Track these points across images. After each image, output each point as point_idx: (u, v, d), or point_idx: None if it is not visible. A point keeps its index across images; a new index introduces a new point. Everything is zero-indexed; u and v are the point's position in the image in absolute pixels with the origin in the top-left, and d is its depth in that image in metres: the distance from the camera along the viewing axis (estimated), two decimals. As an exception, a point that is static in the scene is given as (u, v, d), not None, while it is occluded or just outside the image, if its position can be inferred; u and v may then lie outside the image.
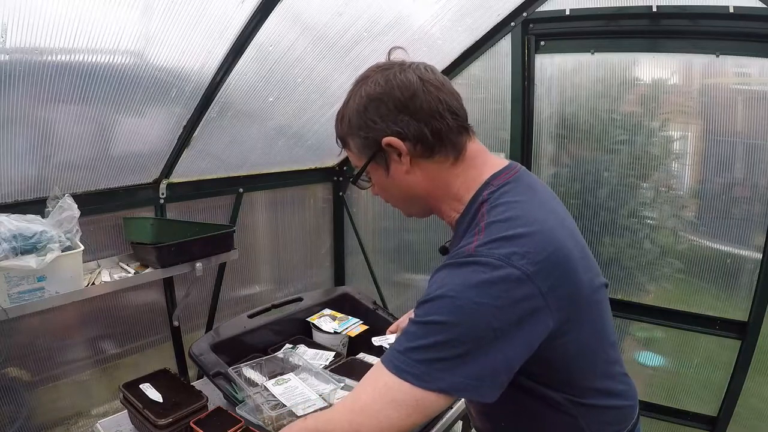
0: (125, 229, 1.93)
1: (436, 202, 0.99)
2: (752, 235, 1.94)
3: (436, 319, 0.79)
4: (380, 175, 0.98)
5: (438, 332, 0.78)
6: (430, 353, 0.78)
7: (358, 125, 0.94)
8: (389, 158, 0.94)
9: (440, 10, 1.95)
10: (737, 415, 2.01)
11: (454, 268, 0.82)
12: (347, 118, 0.96)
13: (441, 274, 0.83)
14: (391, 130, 0.91)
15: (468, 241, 0.85)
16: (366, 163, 0.96)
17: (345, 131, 0.98)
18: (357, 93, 0.96)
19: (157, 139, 1.87)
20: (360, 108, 0.94)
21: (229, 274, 2.42)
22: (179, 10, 1.43)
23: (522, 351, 0.81)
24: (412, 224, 2.79)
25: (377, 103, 0.92)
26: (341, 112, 0.99)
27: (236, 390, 1.48)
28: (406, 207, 1.03)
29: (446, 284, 0.80)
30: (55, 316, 1.74)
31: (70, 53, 1.38)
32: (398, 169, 0.94)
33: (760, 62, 1.84)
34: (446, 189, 0.96)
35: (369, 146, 0.94)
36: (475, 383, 0.78)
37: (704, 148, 2.01)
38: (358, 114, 0.94)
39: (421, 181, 0.95)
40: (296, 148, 2.50)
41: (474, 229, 0.87)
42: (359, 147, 0.96)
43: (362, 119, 0.93)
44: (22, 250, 1.42)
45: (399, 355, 0.81)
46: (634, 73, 2.07)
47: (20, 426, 1.71)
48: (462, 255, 0.82)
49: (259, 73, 1.86)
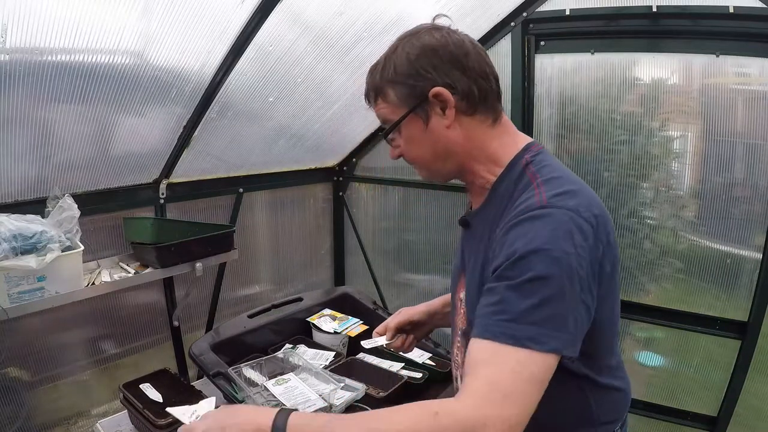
0: (125, 229, 1.93)
1: (471, 162, 0.96)
2: (752, 235, 1.94)
3: (537, 275, 0.74)
4: (416, 128, 0.94)
5: (542, 288, 0.74)
6: (542, 312, 0.73)
7: (406, 73, 0.91)
8: (431, 111, 0.92)
9: (440, 10, 1.92)
10: (737, 415, 2.01)
11: (533, 220, 0.78)
12: (392, 66, 0.92)
13: (519, 229, 0.79)
14: (441, 81, 0.90)
15: (528, 196, 0.84)
16: (407, 113, 0.92)
17: (386, 79, 0.93)
18: (407, 42, 0.93)
19: (157, 139, 1.87)
20: (412, 56, 0.91)
21: (229, 274, 2.42)
22: (179, 10, 1.43)
23: (593, 304, 0.80)
24: (412, 224, 2.80)
25: (432, 54, 0.90)
26: (383, 61, 0.95)
27: (236, 390, 1.48)
28: (436, 166, 0.98)
29: (535, 237, 0.76)
30: (55, 316, 1.74)
31: (70, 53, 1.38)
32: (439, 123, 0.92)
33: (760, 62, 1.84)
34: (483, 149, 0.95)
35: (414, 96, 0.91)
36: (575, 338, 0.76)
37: (704, 148, 2.01)
38: (409, 62, 0.91)
39: (459, 138, 0.93)
40: (296, 148, 2.50)
41: (528, 186, 0.86)
42: (402, 96, 0.92)
43: (413, 67, 0.90)
44: (22, 250, 1.42)
45: (512, 324, 0.73)
46: (634, 73, 2.07)
47: (20, 426, 1.71)
48: (534, 207, 0.80)
49: (259, 73, 1.86)
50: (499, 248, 0.81)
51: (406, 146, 0.97)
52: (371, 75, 0.97)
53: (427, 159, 0.97)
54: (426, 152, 0.96)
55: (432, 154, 0.96)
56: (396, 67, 0.92)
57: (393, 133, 0.97)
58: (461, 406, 0.71)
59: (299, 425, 0.78)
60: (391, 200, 2.85)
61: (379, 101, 0.96)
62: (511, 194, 0.90)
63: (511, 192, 0.90)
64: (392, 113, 0.95)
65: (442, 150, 0.95)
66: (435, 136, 0.93)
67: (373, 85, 0.97)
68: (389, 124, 0.96)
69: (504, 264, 0.78)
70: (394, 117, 0.94)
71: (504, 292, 0.76)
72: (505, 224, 0.83)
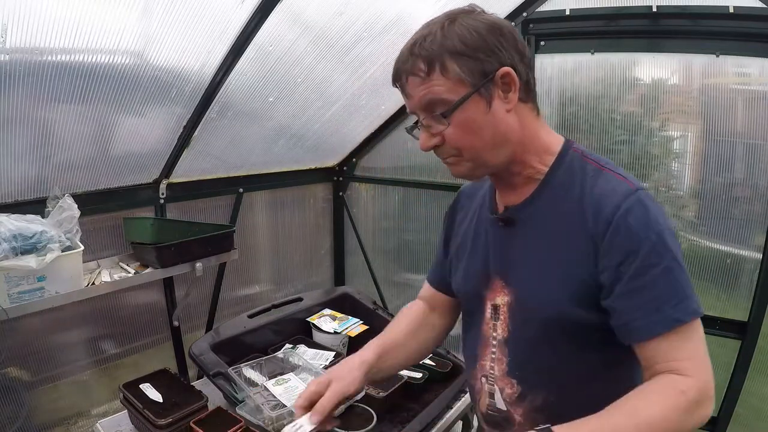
0: (125, 229, 1.93)
1: (524, 152, 0.89)
2: (752, 235, 1.94)
3: (674, 254, 0.79)
4: (478, 110, 0.83)
5: (681, 261, 0.80)
6: (689, 282, 0.81)
7: (476, 46, 0.81)
8: (493, 92, 0.83)
9: (440, 10, 1.92)
10: (737, 415, 2.01)
11: (642, 205, 0.81)
12: (455, 38, 0.81)
13: (636, 216, 0.80)
14: (509, 61, 0.82)
15: (610, 182, 0.84)
16: (473, 91, 0.81)
17: (449, 50, 0.81)
18: (465, 18, 0.83)
19: (157, 139, 1.87)
20: (481, 30, 0.81)
21: (229, 274, 2.42)
22: (179, 10, 1.43)
23: None
24: (412, 224, 2.80)
25: (499, 32, 0.82)
26: (437, 32, 0.82)
27: (236, 390, 1.48)
28: (489, 155, 0.87)
29: (655, 220, 0.80)
30: (55, 316, 1.74)
31: (70, 53, 1.38)
32: (500, 107, 0.84)
33: (760, 62, 1.84)
34: (535, 139, 0.90)
35: (481, 73, 0.81)
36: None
37: (704, 148, 2.01)
38: (480, 35, 0.81)
39: (516, 125, 0.86)
40: (296, 148, 2.50)
41: (598, 173, 0.86)
42: (467, 71, 0.81)
43: (485, 41, 0.81)
44: (22, 250, 1.42)
45: (684, 303, 0.79)
46: (634, 73, 2.07)
47: (20, 426, 1.71)
48: (632, 191, 0.82)
49: (259, 73, 1.87)
50: (616, 241, 0.80)
51: (457, 132, 0.84)
52: (422, 46, 0.83)
53: (481, 147, 0.86)
54: (482, 139, 0.85)
55: (489, 141, 0.85)
56: (463, 39, 0.81)
57: (435, 118, 0.84)
58: (695, 380, 0.77)
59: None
60: (391, 200, 2.85)
61: (434, 75, 0.82)
62: (572, 183, 0.87)
63: (572, 181, 0.87)
64: (449, 91, 0.82)
65: (501, 136, 0.86)
66: (496, 120, 0.84)
67: (428, 55, 0.82)
68: (441, 103, 0.83)
69: (639, 256, 0.79)
70: (452, 95, 0.82)
71: (658, 281, 0.79)
72: (608, 215, 0.81)
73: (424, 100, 0.84)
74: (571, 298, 0.84)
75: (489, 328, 0.97)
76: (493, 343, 0.97)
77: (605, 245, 0.81)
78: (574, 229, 0.85)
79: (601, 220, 0.81)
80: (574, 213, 0.85)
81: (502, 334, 0.94)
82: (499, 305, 0.95)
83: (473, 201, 1.07)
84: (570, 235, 0.85)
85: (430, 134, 0.87)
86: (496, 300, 0.95)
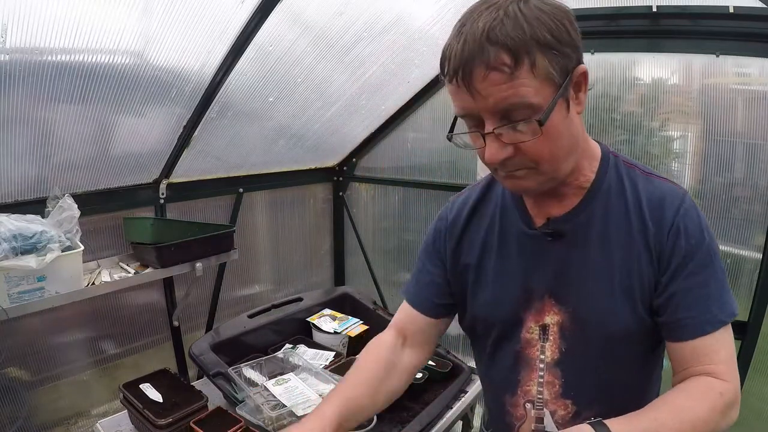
0: (125, 229, 1.93)
1: (580, 158, 0.82)
2: (752, 235, 1.94)
3: (717, 253, 0.81)
4: (559, 114, 0.71)
5: (720, 262, 0.82)
6: (726, 283, 0.82)
7: (563, 39, 0.68)
8: (569, 94, 0.72)
9: (440, 10, 1.95)
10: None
11: (691, 207, 0.82)
12: (543, 25, 0.66)
13: (689, 218, 0.81)
14: (581, 57, 0.72)
15: (660, 186, 0.84)
16: (560, 94, 0.70)
17: (539, 40, 0.66)
18: (538, 2, 0.68)
19: (157, 139, 1.87)
20: (562, 18, 0.68)
21: (229, 274, 2.42)
22: (179, 10, 1.43)
23: None
24: (412, 224, 2.80)
25: (575, 23, 0.71)
26: (522, 13, 0.66)
27: (236, 390, 1.48)
28: (563, 165, 0.77)
29: (703, 226, 0.81)
30: (55, 316, 1.74)
31: (70, 53, 1.38)
32: (573, 109, 0.74)
33: (760, 62, 1.84)
34: (586, 143, 0.83)
35: (565, 71, 0.70)
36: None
37: (704, 148, 2.01)
38: (563, 25, 0.68)
39: (580, 128, 0.78)
40: (296, 148, 2.50)
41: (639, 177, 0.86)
42: (556, 69, 0.68)
43: (569, 33, 0.69)
44: (22, 250, 1.42)
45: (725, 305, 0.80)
46: (634, 73, 2.07)
47: (20, 426, 1.71)
48: (681, 194, 0.83)
49: (259, 73, 1.86)
50: (678, 243, 0.80)
51: (540, 141, 0.71)
52: (504, 33, 0.65)
53: (560, 156, 0.75)
54: (562, 147, 0.74)
55: (567, 149, 0.75)
56: (549, 29, 0.67)
57: (516, 126, 0.70)
58: (730, 384, 0.78)
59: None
60: (391, 200, 2.85)
61: (522, 72, 0.66)
62: (622, 189, 0.84)
63: (622, 187, 0.84)
64: (536, 93, 0.68)
65: (574, 143, 0.77)
66: (573, 124, 0.74)
67: (515, 46, 0.65)
68: (526, 108, 0.69)
69: (696, 257, 0.80)
70: (538, 99, 0.68)
71: (710, 282, 0.80)
72: (671, 218, 0.80)
73: (504, 102, 0.68)
74: (634, 308, 0.82)
75: (535, 351, 0.89)
76: (540, 366, 0.88)
77: (668, 247, 0.80)
78: (631, 236, 0.81)
79: (664, 224, 0.80)
80: (629, 219, 0.82)
81: (552, 356, 0.87)
82: (549, 325, 0.87)
83: (485, 214, 0.95)
84: (629, 243, 0.81)
85: (502, 143, 0.72)
86: (544, 320, 0.87)
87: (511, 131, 0.71)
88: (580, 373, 0.87)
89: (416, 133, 2.66)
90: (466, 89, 0.69)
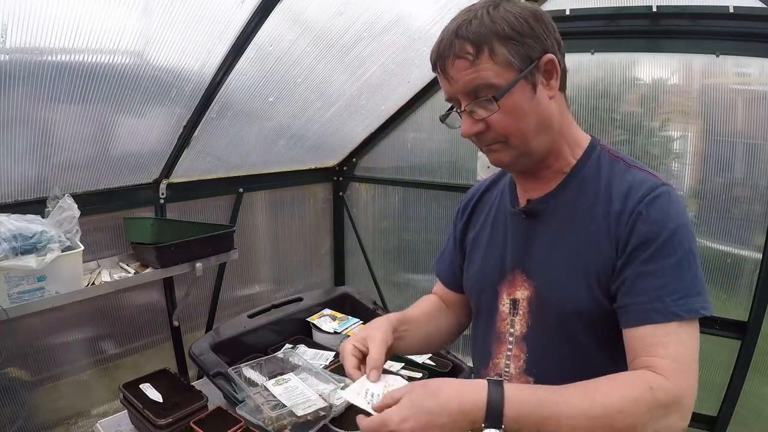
0: (125, 229, 1.93)
1: (560, 141, 0.90)
2: (752, 235, 1.94)
3: (689, 249, 0.80)
4: (524, 95, 0.83)
5: (694, 260, 0.80)
6: (699, 280, 0.80)
7: (523, 31, 0.82)
8: (537, 78, 0.84)
9: (440, 10, 1.95)
10: (737, 415, 2.01)
11: (666, 198, 0.82)
12: (504, 23, 0.81)
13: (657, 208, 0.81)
14: (551, 48, 0.84)
15: (637, 176, 0.86)
16: (521, 76, 0.82)
17: (498, 34, 0.81)
18: (505, 5, 0.83)
19: (157, 139, 1.87)
20: (525, 16, 0.82)
21: (229, 274, 2.42)
22: (179, 10, 1.43)
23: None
24: (412, 224, 2.80)
25: (540, 20, 0.84)
26: (483, 17, 0.82)
27: (236, 390, 1.48)
28: (534, 141, 0.87)
29: (676, 215, 0.81)
30: (55, 316, 1.74)
31: (70, 53, 1.38)
32: (543, 93, 0.85)
33: (760, 62, 1.84)
34: (569, 128, 0.91)
35: (528, 58, 0.82)
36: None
37: (704, 148, 2.01)
38: (525, 21, 0.82)
39: (556, 112, 0.87)
40: (296, 148, 2.50)
41: (625, 169, 0.88)
42: (517, 56, 0.82)
43: (531, 27, 0.82)
44: (22, 250, 1.42)
45: (687, 299, 0.78)
46: (634, 73, 2.07)
47: (20, 426, 1.71)
48: (658, 185, 0.83)
49: (259, 73, 1.87)
50: (637, 228, 0.81)
51: (504, 117, 0.84)
52: (468, 29, 0.82)
53: (527, 132, 0.85)
54: (528, 125, 0.85)
55: (534, 127, 0.85)
56: (510, 24, 0.81)
57: (480, 103, 0.83)
58: (670, 383, 0.74)
59: (518, 403, 0.71)
60: (391, 200, 2.85)
61: (483, 59, 0.81)
62: (599, 177, 0.88)
63: (599, 175, 0.89)
64: (497, 76, 0.82)
65: (545, 123, 0.86)
66: (540, 106, 0.85)
67: (476, 39, 0.81)
68: (488, 88, 0.82)
69: (654, 244, 0.79)
70: (500, 80, 0.82)
71: (667, 271, 0.79)
72: (633, 204, 0.82)
73: (470, 84, 0.83)
74: (591, 289, 0.84)
75: (506, 324, 0.95)
76: (509, 340, 0.94)
77: (626, 232, 0.82)
78: (597, 222, 0.85)
79: (626, 209, 0.82)
80: (598, 205, 0.86)
81: (521, 329, 0.92)
82: (519, 299, 0.93)
83: (491, 196, 1.07)
84: (593, 227, 0.85)
85: (474, 120, 0.86)
86: (515, 294, 0.93)
87: (480, 108, 0.84)
88: (543, 352, 0.90)
89: (416, 133, 2.66)
90: (444, 76, 0.86)
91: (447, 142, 2.55)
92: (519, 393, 0.73)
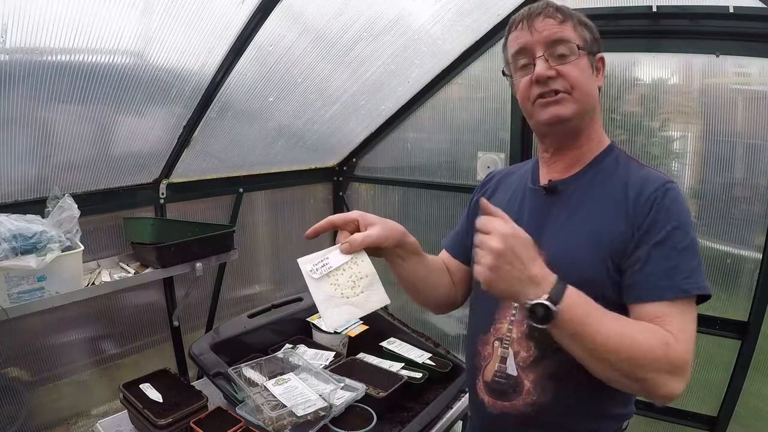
0: (125, 229, 1.93)
1: (595, 127, 1.05)
2: (752, 235, 1.94)
3: (694, 239, 0.90)
4: (588, 69, 1.01)
5: (697, 247, 0.91)
6: (701, 266, 0.90)
7: (593, 28, 1.02)
8: (596, 65, 1.03)
9: (440, 10, 1.95)
10: (737, 415, 2.01)
11: (675, 193, 0.93)
12: (582, 14, 1.02)
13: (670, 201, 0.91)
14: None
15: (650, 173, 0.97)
16: (591, 52, 1.01)
17: (579, 19, 1.01)
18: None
19: (157, 139, 1.87)
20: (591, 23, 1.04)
21: (229, 274, 2.42)
22: (179, 10, 1.43)
23: None
24: (412, 224, 2.79)
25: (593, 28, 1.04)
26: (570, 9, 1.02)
27: (236, 390, 1.48)
28: (588, 100, 1.01)
29: (684, 209, 0.92)
30: (55, 316, 1.74)
31: (70, 53, 1.38)
32: (595, 80, 1.03)
33: (760, 62, 1.84)
34: (599, 124, 1.07)
35: (594, 46, 1.02)
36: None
37: (704, 148, 2.01)
38: (591, 25, 1.03)
39: (598, 103, 1.04)
40: (296, 148, 2.50)
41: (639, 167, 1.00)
42: (590, 38, 1.01)
43: (595, 31, 1.03)
44: (22, 250, 1.42)
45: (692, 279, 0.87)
46: (634, 73, 2.07)
47: (20, 426, 1.71)
48: (667, 180, 0.95)
49: (259, 73, 1.87)
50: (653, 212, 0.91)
51: (577, 69, 0.98)
52: (557, 6, 1.00)
53: (589, 93, 1.00)
54: (589, 88, 1.00)
55: (591, 93, 1.01)
56: (585, 21, 1.02)
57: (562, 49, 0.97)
58: (681, 348, 0.83)
59: (576, 295, 0.81)
60: (391, 200, 2.85)
61: (568, 25, 0.99)
62: (616, 171, 1.00)
63: (617, 169, 1.00)
64: (575, 38, 0.99)
65: (593, 101, 1.01)
66: (594, 86, 1.02)
67: (565, 11, 1.00)
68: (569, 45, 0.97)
69: (666, 229, 0.89)
70: (577, 41, 0.98)
71: (677, 254, 0.88)
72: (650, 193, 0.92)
73: (554, 35, 0.97)
74: (602, 261, 0.91)
75: None
76: (514, 305, 1.00)
77: (643, 215, 0.91)
78: (613, 206, 0.95)
79: (641, 198, 0.92)
80: (615, 193, 0.96)
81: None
82: None
83: (512, 179, 1.17)
84: (608, 210, 0.95)
85: (548, 65, 0.96)
86: None
87: (555, 58, 0.97)
88: None
89: (416, 133, 2.66)
90: (528, 29, 0.98)
91: (447, 142, 2.55)
92: (577, 291, 0.82)
